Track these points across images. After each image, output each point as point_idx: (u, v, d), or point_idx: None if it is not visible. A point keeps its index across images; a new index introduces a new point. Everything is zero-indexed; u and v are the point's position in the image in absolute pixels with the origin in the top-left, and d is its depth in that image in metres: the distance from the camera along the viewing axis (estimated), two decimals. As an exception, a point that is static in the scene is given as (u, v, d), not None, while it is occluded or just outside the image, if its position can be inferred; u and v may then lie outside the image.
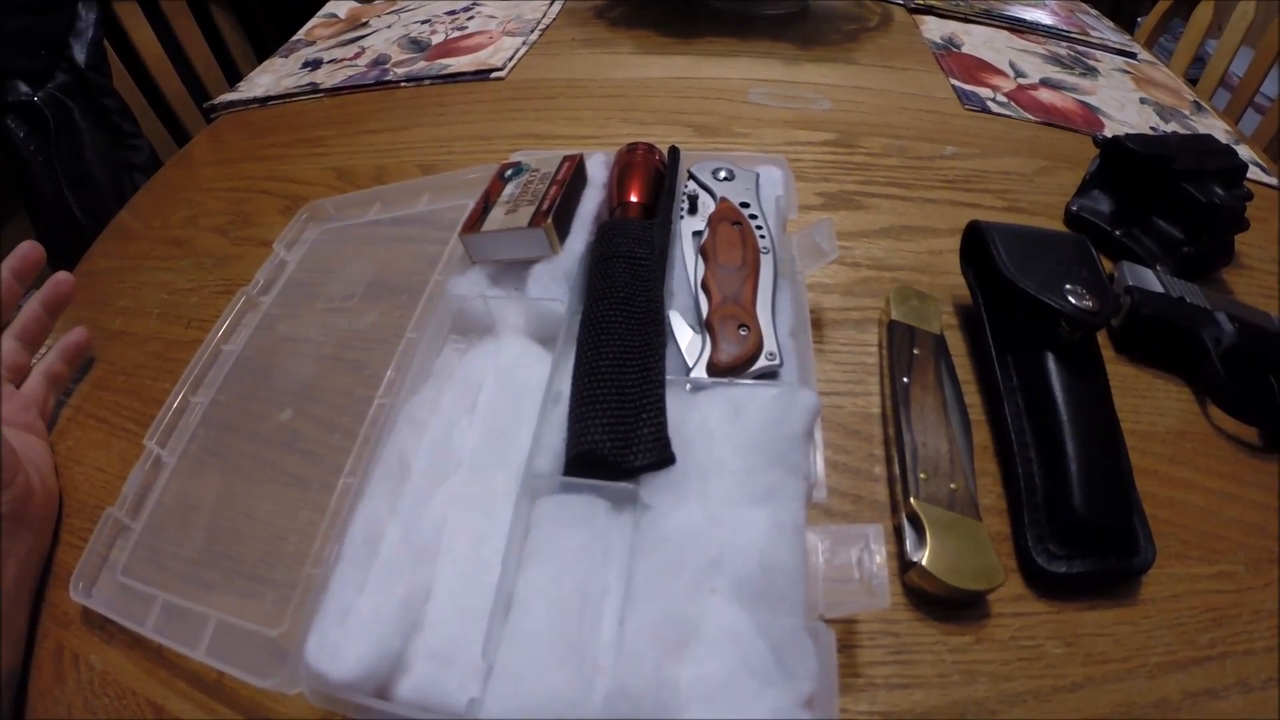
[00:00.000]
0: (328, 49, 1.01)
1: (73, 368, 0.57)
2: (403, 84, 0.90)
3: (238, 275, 0.63)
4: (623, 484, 0.37)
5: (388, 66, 0.93)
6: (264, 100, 0.91)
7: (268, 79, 0.96)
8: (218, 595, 0.43)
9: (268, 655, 0.38)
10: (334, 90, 0.90)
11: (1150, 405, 0.52)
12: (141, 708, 0.40)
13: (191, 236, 0.71)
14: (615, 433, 0.38)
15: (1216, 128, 0.84)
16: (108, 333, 0.62)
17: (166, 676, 0.41)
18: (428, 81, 0.90)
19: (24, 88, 1.05)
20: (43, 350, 0.57)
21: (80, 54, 1.11)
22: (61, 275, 0.57)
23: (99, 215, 1.07)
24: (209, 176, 0.80)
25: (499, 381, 0.44)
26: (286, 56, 1.02)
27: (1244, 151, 0.75)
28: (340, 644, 0.32)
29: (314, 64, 0.97)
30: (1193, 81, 1.04)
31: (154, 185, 0.82)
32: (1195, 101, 0.90)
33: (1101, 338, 0.54)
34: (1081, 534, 0.42)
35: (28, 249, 0.55)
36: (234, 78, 1.09)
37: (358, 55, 0.98)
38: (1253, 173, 0.72)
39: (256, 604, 0.42)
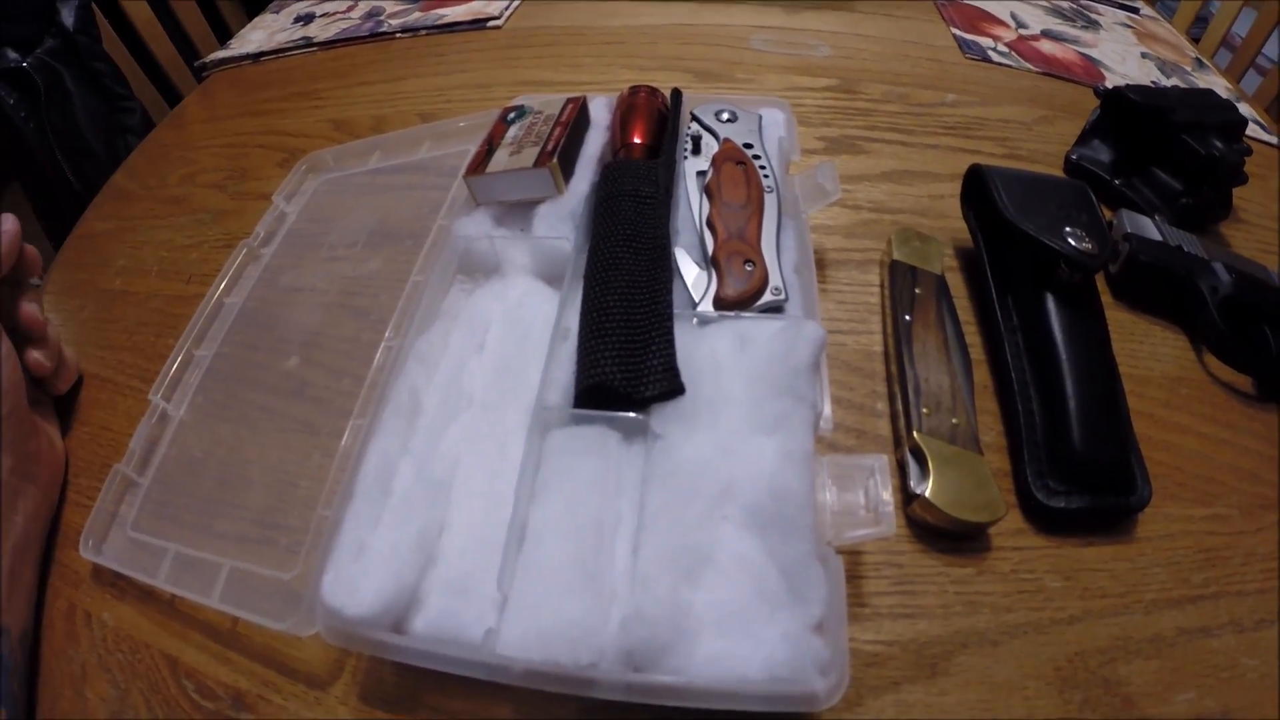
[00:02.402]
0: (320, 2, 1.00)
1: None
2: (398, 35, 0.89)
3: (238, 229, 0.63)
4: (633, 414, 0.37)
5: (382, 18, 0.92)
6: (257, 56, 0.90)
7: (260, 35, 0.94)
8: (230, 544, 0.43)
9: (282, 599, 0.39)
10: (328, 44, 0.89)
11: (1147, 351, 0.52)
12: (155, 661, 0.40)
13: (189, 194, 0.70)
14: (625, 364, 0.38)
15: (1218, 85, 0.83)
16: (109, 293, 0.62)
17: (179, 629, 0.41)
18: (424, 32, 0.89)
19: (13, 54, 1.04)
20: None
21: (69, 18, 1.09)
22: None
23: (94, 180, 1.06)
24: (204, 134, 0.80)
25: (507, 320, 0.44)
26: (278, 12, 1.00)
27: (1245, 110, 0.75)
28: (356, 580, 0.33)
29: (306, 18, 0.96)
30: (1195, 40, 1.03)
31: (148, 146, 0.81)
32: (1197, 58, 0.89)
33: (1100, 284, 0.54)
34: (1080, 470, 0.43)
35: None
36: (225, 35, 1.07)
37: (351, 8, 0.96)
38: (1253, 130, 0.72)
39: (269, 550, 0.42)
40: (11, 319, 0.48)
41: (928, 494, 0.41)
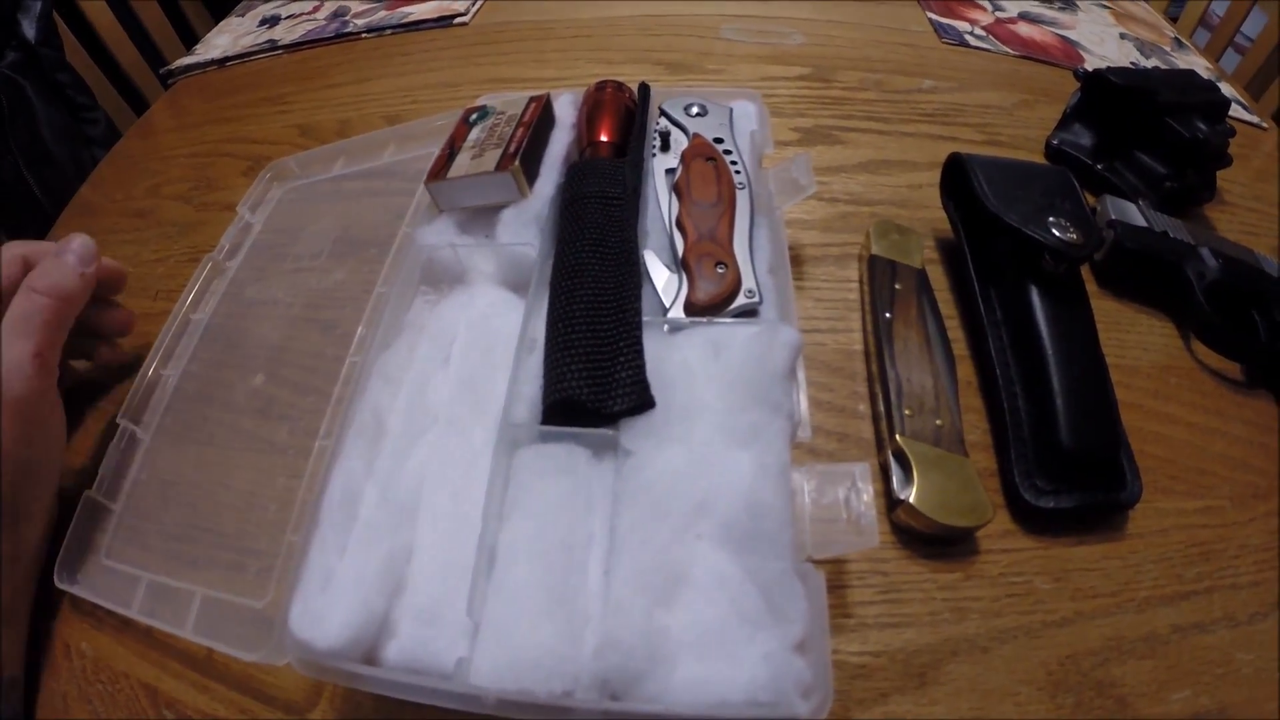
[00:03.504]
0: (285, 4, 0.98)
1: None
2: (364, 35, 0.87)
3: (204, 241, 0.62)
4: (602, 430, 0.36)
5: (347, 18, 0.90)
6: (222, 61, 0.88)
7: (225, 39, 0.93)
8: (202, 570, 0.42)
9: (254, 627, 0.38)
10: (293, 46, 0.87)
11: (1134, 340, 0.52)
12: (135, 691, 0.40)
13: (155, 206, 0.69)
14: (592, 378, 0.36)
15: (1197, 65, 0.83)
16: (74, 311, 0.60)
17: (158, 657, 0.41)
18: (389, 31, 0.87)
19: (-26, 69, 1.02)
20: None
21: (30, 29, 1.07)
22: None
23: (60, 193, 1.04)
24: (170, 143, 0.78)
25: (472, 332, 0.42)
26: (243, 15, 0.98)
27: (1227, 89, 0.74)
28: (324, 611, 0.32)
29: (272, 20, 0.94)
30: (1172, 20, 1.03)
31: (114, 157, 0.79)
32: (1175, 38, 0.89)
33: (1084, 272, 0.54)
34: (1069, 468, 0.42)
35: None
36: (190, 40, 1.06)
37: (316, 9, 0.95)
38: (1234, 110, 0.72)
39: (240, 576, 0.41)
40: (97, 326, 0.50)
41: (912, 499, 0.40)
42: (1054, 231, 0.47)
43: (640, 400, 0.36)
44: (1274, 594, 0.40)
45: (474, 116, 0.53)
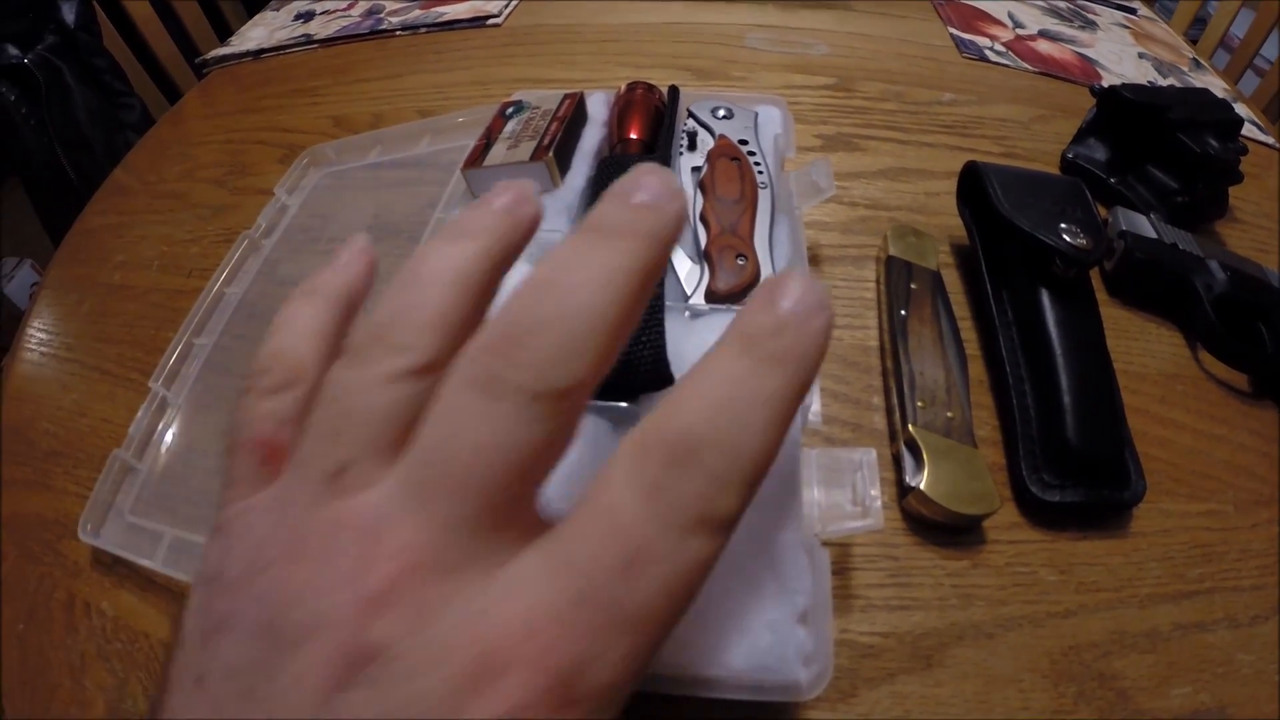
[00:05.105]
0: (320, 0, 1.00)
1: None
2: (398, 33, 0.89)
3: (237, 224, 0.63)
4: (623, 404, 0.37)
5: (382, 16, 0.92)
6: (257, 53, 0.90)
7: (260, 32, 0.94)
8: (225, 532, 0.43)
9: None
10: (328, 41, 0.89)
11: (1142, 347, 0.52)
12: (154, 649, 0.40)
13: (189, 189, 0.70)
14: (615, 355, 0.38)
15: (1215, 85, 0.83)
16: (107, 287, 0.62)
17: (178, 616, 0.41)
18: (423, 30, 0.89)
19: (13, 50, 1.05)
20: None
21: (69, 14, 1.10)
22: None
23: (92, 175, 1.06)
24: (203, 130, 0.80)
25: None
26: (278, 9, 1.00)
27: (1241, 109, 0.75)
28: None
29: (306, 15, 0.96)
30: (1193, 41, 1.04)
31: (148, 142, 0.81)
32: (1194, 59, 0.90)
33: (1095, 281, 0.54)
34: (1074, 464, 0.43)
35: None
36: (225, 33, 1.08)
37: (351, 5, 0.96)
38: (1250, 131, 0.73)
39: (265, 537, 0.42)
40: None
41: (923, 486, 0.41)
42: (1065, 237, 0.48)
43: (660, 377, 0.37)
44: (1275, 598, 0.41)
45: (510, 110, 0.54)
